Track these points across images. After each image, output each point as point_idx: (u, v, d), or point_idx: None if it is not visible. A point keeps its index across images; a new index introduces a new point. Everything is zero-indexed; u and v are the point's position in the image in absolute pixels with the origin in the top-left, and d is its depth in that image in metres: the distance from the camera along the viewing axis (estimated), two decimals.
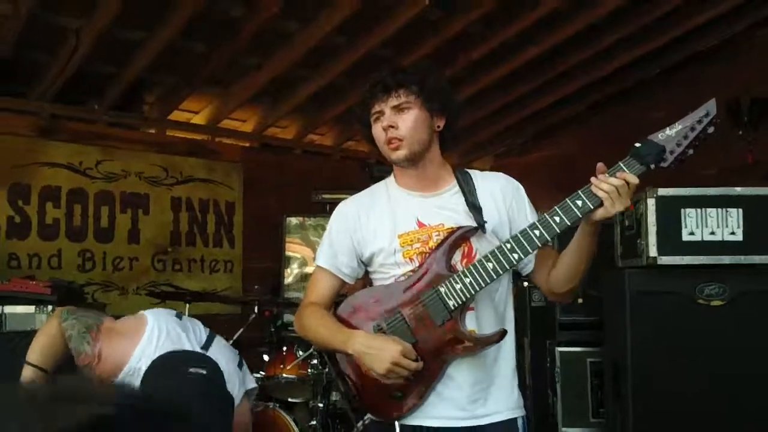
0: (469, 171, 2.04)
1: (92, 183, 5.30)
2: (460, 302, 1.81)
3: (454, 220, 1.91)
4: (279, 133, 6.42)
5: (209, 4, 4.10)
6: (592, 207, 1.73)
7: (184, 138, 5.92)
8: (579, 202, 1.75)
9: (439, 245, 1.87)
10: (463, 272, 1.82)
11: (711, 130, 1.77)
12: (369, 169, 6.45)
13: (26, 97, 5.09)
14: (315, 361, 3.78)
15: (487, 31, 4.93)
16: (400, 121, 1.89)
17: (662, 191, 2.98)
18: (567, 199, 1.77)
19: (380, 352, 1.80)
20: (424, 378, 1.84)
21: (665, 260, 2.93)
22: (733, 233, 2.96)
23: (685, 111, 1.83)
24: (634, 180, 1.72)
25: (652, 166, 1.75)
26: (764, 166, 4.77)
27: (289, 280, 5.78)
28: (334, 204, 6.20)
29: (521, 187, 2.04)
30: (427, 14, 4.51)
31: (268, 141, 6.38)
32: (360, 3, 4.19)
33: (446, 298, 1.81)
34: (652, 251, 2.94)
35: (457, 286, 1.80)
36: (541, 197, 2.15)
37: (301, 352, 3.82)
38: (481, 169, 2.13)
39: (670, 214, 2.95)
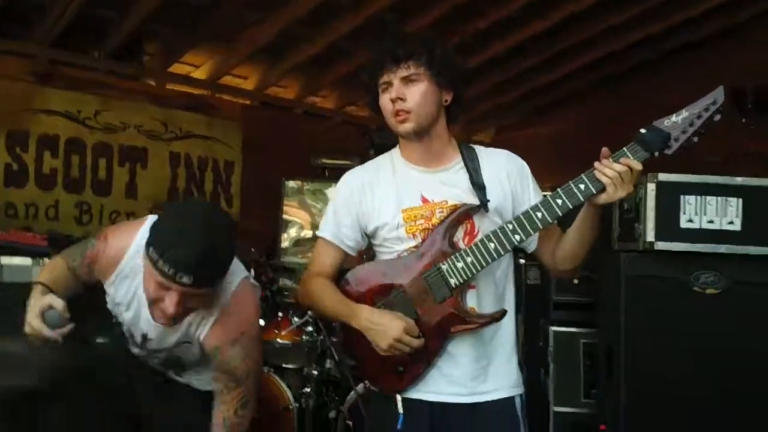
0: (475, 147, 2.02)
1: (90, 134, 5.25)
2: (461, 280, 1.83)
3: (458, 196, 1.91)
4: (280, 93, 6.36)
5: None
6: (594, 191, 1.75)
7: (184, 92, 5.85)
8: (582, 186, 1.76)
9: (441, 222, 1.88)
10: (465, 251, 1.83)
11: (717, 118, 1.77)
12: (369, 134, 6.42)
13: (24, 40, 5.00)
14: (310, 328, 3.80)
15: (494, 2, 4.86)
16: (408, 94, 1.87)
17: (663, 176, 2.98)
18: (570, 183, 1.78)
19: (384, 328, 1.82)
20: (425, 354, 1.87)
21: (662, 246, 2.94)
22: (731, 222, 2.97)
23: (688, 94, 1.83)
24: (637, 166, 1.72)
25: (656, 153, 1.76)
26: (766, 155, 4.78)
27: (285, 244, 5.79)
28: (333, 169, 6.25)
29: (526, 165, 2.04)
30: None
31: (269, 100, 6.32)
32: None
33: (447, 276, 1.83)
34: (650, 236, 2.95)
35: (459, 265, 1.82)
36: (541, 172, 2.14)
37: (296, 318, 3.83)
38: (484, 143, 2.13)
39: (669, 200, 2.95)
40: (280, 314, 3.93)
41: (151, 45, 5.49)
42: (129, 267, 1.97)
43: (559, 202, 1.77)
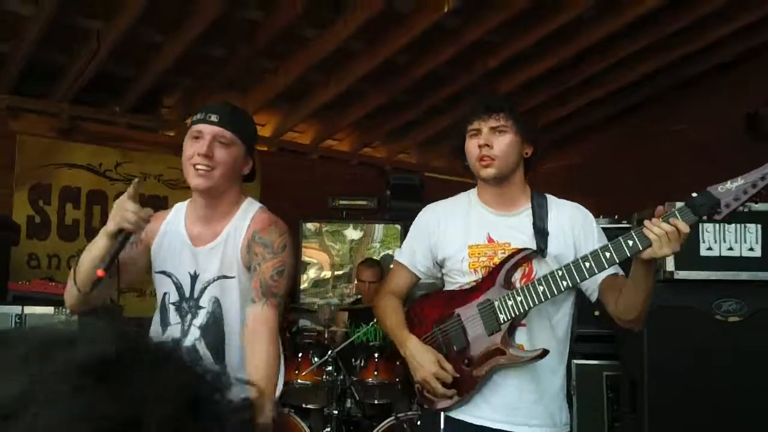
0: (547, 196, 2.19)
1: (111, 185, 5.35)
2: (509, 317, 1.99)
3: (521, 240, 2.08)
4: (296, 138, 6.45)
5: (229, 8, 4.13)
6: (641, 248, 1.83)
7: None
8: (630, 242, 1.86)
9: (502, 263, 2.05)
10: (516, 290, 1.99)
11: None
12: (386, 175, 6.49)
13: (47, 97, 5.15)
14: (330, 368, 3.79)
15: (504, 40, 4.92)
16: (495, 142, 2.07)
17: (680, 205, 2.97)
18: (620, 238, 1.88)
19: (419, 366, 2.07)
20: (471, 380, 2.04)
21: (683, 275, 2.93)
22: (751, 249, 2.95)
23: (700, 123, 1.84)
24: (684, 228, 1.80)
25: (705, 218, 1.84)
26: None
27: (304, 285, 5.80)
28: (350, 210, 6.28)
29: (591, 217, 2.18)
30: (444, 21, 4.51)
31: (286, 146, 6.40)
32: (379, 8, 4.20)
33: (498, 312, 2.01)
34: (670, 266, 2.94)
35: (510, 303, 1.99)
36: None
37: (316, 358, 3.83)
38: None
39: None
40: (300, 355, 3.92)
41: (169, 97, 5.62)
42: (170, 221, 2.19)
43: (608, 255, 1.90)
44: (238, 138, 2.08)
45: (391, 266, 2.38)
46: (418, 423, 2.34)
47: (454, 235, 2.14)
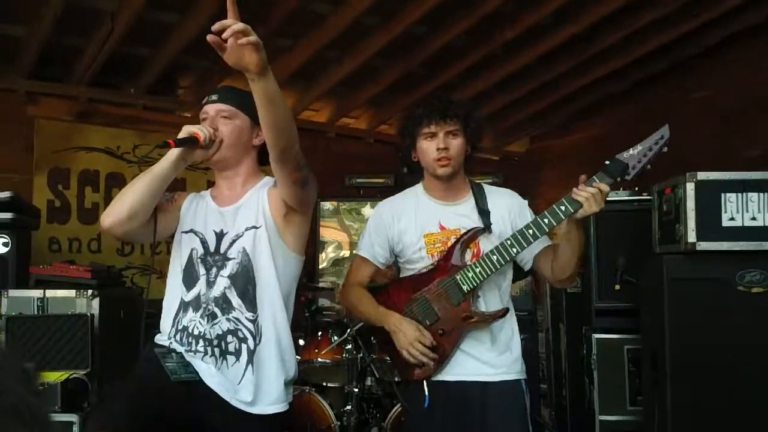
0: (483, 185, 2.52)
1: (129, 167, 5.38)
2: (471, 286, 2.32)
3: (470, 224, 2.40)
4: (313, 116, 6.42)
5: None
6: (573, 210, 2.21)
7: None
8: (563, 207, 2.22)
9: (454, 244, 2.36)
10: (473, 264, 2.32)
11: (665, 149, 2.23)
12: (402, 153, 6.43)
13: (63, 81, 5.16)
14: (349, 346, 3.80)
15: (522, 10, 4.84)
16: (451, 145, 2.37)
17: (702, 175, 2.91)
18: (554, 205, 2.23)
19: (403, 335, 2.34)
20: (445, 346, 2.35)
21: (704, 246, 2.87)
22: None
23: (722, 91, 1.93)
24: (605, 188, 2.19)
25: (618, 179, 2.22)
26: None
27: (323, 264, 5.81)
28: (367, 188, 6.27)
29: (525, 202, 2.53)
30: None
31: (302, 124, 6.37)
32: None
33: (461, 284, 2.32)
34: (691, 237, 2.88)
35: (470, 274, 2.31)
36: (577, 179, 2.29)
37: (335, 337, 3.84)
38: (518, 153, 2.50)
39: (709, 199, 2.88)
40: (319, 333, 3.93)
41: (185, 78, 5.61)
42: (196, 195, 2.39)
43: (546, 220, 2.25)
44: (240, 110, 2.23)
45: (354, 260, 2.63)
46: (404, 394, 2.57)
47: (410, 226, 2.44)
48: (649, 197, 3.47)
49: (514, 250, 2.27)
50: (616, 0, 4.68)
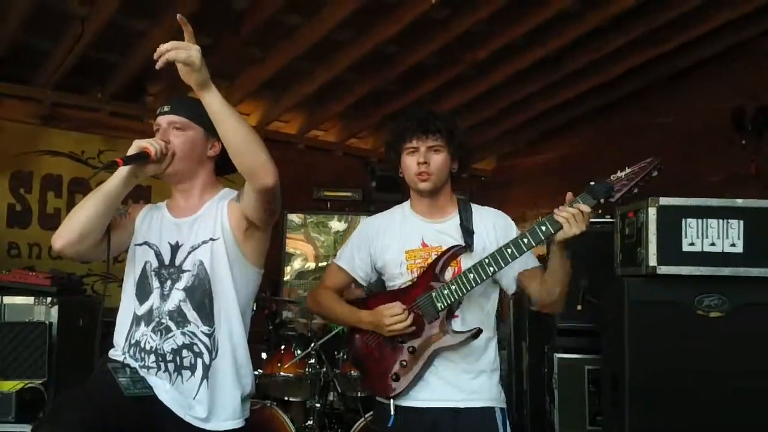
0: (471, 204, 2.46)
1: (94, 173, 5.28)
2: (446, 304, 2.25)
3: (452, 242, 2.34)
4: (282, 128, 6.41)
5: None
6: (553, 231, 2.13)
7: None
8: (543, 228, 2.15)
9: (435, 260, 2.31)
10: (450, 281, 2.26)
11: (655, 173, 2.19)
12: (371, 166, 6.46)
13: (29, 83, 5.08)
14: (313, 361, 3.78)
15: (493, 31, 4.90)
16: (431, 159, 2.33)
17: (664, 200, 2.98)
18: (534, 224, 2.17)
19: (378, 322, 2.30)
20: (415, 365, 2.28)
21: (665, 270, 2.93)
22: (733, 245, 2.96)
23: (689, 115, 1.94)
24: (586, 209, 2.11)
25: (602, 201, 2.14)
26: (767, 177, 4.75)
27: (288, 277, 5.78)
28: (335, 201, 6.26)
29: (511, 221, 2.47)
30: (433, 12, 4.49)
31: (271, 135, 6.35)
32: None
33: (435, 301, 2.26)
34: (652, 260, 2.94)
35: (445, 292, 2.25)
36: (544, 198, 2.36)
37: (299, 351, 3.82)
38: (485, 171, 2.46)
39: (670, 224, 2.95)
40: (282, 347, 3.91)
41: (154, 85, 5.55)
42: (151, 207, 2.32)
43: (525, 240, 2.18)
44: (193, 121, 2.17)
45: (328, 265, 2.63)
46: (371, 414, 2.53)
47: (392, 242, 2.41)
48: (612, 220, 3.53)
49: (491, 269, 2.20)
50: (585, 24, 4.78)
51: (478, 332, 2.26)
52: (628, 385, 2.88)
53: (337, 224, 6.16)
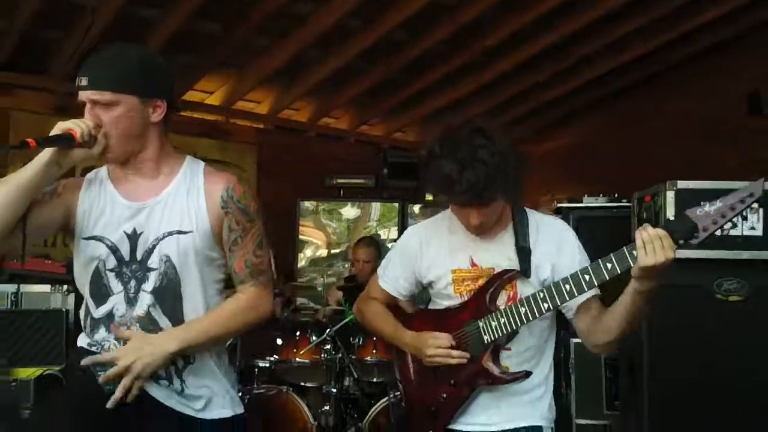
0: (527, 212, 2.14)
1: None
2: (493, 338, 1.99)
3: (506, 264, 2.05)
4: (293, 116, 6.40)
5: None
6: (619, 270, 1.79)
7: (198, 118, 5.90)
8: (609, 265, 1.81)
9: (487, 284, 2.04)
10: (499, 312, 1.99)
11: (755, 205, 1.79)
12: (383, 153, 6.45)
13: (41, 74, 5.09)
14: (328, 346, 3.78)
15: (502, 18, 4.87)
16: (487, 216, 1.99)
17: (682, 184, 2.96)
18: (599, 260, 1.84)
19: (422, 343, 2.08)
20: (455, 399, 2.07)
21: (683, 253, 2.87)
22: (753, 228, 2.93)
23: (697, 102, 1.78)
24: (664, 233, 1.73)
25: (681, 242, 1.75)
26: None
27: (302, 263, 5.78)
28: (347, 188, 6.26)
29: (572, 232, 2.14)
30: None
31: (283, 123, 6.35)
32: None
33: (482, 333, 2.01)
34: None
35: (493, 324, 1.99)
36: (556, 185, 2.21)
37: (314, 337, 3.82)
38: None
39: (689, 208, 2.92)
40: (298, 333, 3.90)
41: None
42: (93, 175, 1.95)
43: (587, 277, 1.85)
44: (121, 92, 1.78)
45: (373, 277, 2.37)
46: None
47: (438, 259, 2.14)
48: (627, 203, 3.51)
49: (546, 305, 1.91)
50: (595, 10, 4.74)
51: (526, 374, 2.01)
52: (646, 369, 2.87)
53: (350, 210, 6.16)
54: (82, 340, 1.91)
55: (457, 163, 1.89)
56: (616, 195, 3.69)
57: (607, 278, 1.82)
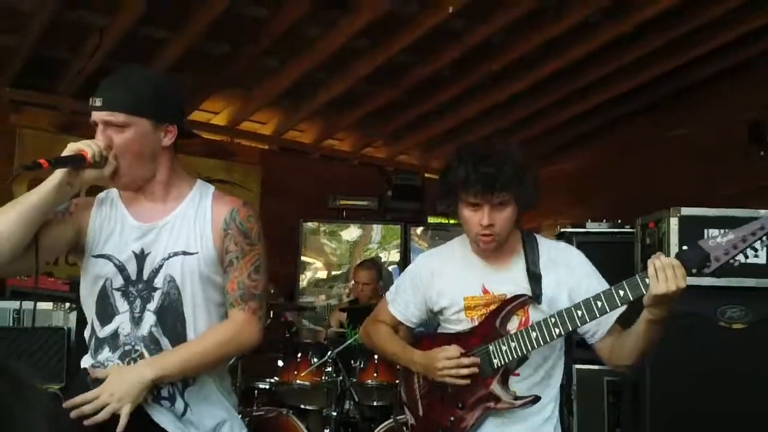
0: (537, 237, 2.15)
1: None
2: (503, 362, 1.98)
3: (517, 290, 2.04)
4: (298, 137, 6.44)
5: (233, 5, 4.12)
6: (632, 297, 1.81)
7: (203, 138, 5.94)
8: (621, 292, 1.82)
9: (498, 309, 2.03)
10: (510, 336, 1.98)
11: (765, 241, 1.83)
12: (387, 175, 6.47)
13: (48, 92, 5.13)
14: (329, 369, 3.76)
15: (509, 43, 4.91)
16: (497, 219, 1.98)
17: (685, 211, 2.96)
18: (612, 287, 1.85)
19: (431, 360, 2.05)
20: (464, 423, 2.03)
21: (687, 280, 2.90)
22: (756, 255, 2.91)
23: (704, 127, 1.80)
24: (677, 262, 1.75)
25: (694, 271, 1.77)
26: None
27: (304, 284, 5.78)
28: (350, 210, 6.26)
29: (583, 257, 2.13)
30: (449, 23, 4.50)
31: (287, 144, 6.39)
32: (384, 8, 4.19)
33: (492, 356, 1.99)
34: None
35: (503, 348, 1.98)
36: (559, 210, 2.20)
37: (315, 359, 3.80)
38: None
39: (692, 234, 2.92)
40: (299, 355, 3.89)
41: None
42: (104, 195, 1.96)
43: (599, 304, 1.85)
44: (133, 114, 1.79)
45: (381, 301, 2.36)
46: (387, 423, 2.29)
47: (450, 287, 2.13)
48: (630, 230, 3.51)
49: (557, 330, 1.90)
50: (600, 37, 4.78)
51: (535, 399, 1.99)
52: (649, 396, 2.86)
53: (350, 233, 6.17)
54: (86, 361, 1.90)
55: (473, 161, 1.95)
56: (619, 221, 3.70)
57: (619, 305, 1.84)
